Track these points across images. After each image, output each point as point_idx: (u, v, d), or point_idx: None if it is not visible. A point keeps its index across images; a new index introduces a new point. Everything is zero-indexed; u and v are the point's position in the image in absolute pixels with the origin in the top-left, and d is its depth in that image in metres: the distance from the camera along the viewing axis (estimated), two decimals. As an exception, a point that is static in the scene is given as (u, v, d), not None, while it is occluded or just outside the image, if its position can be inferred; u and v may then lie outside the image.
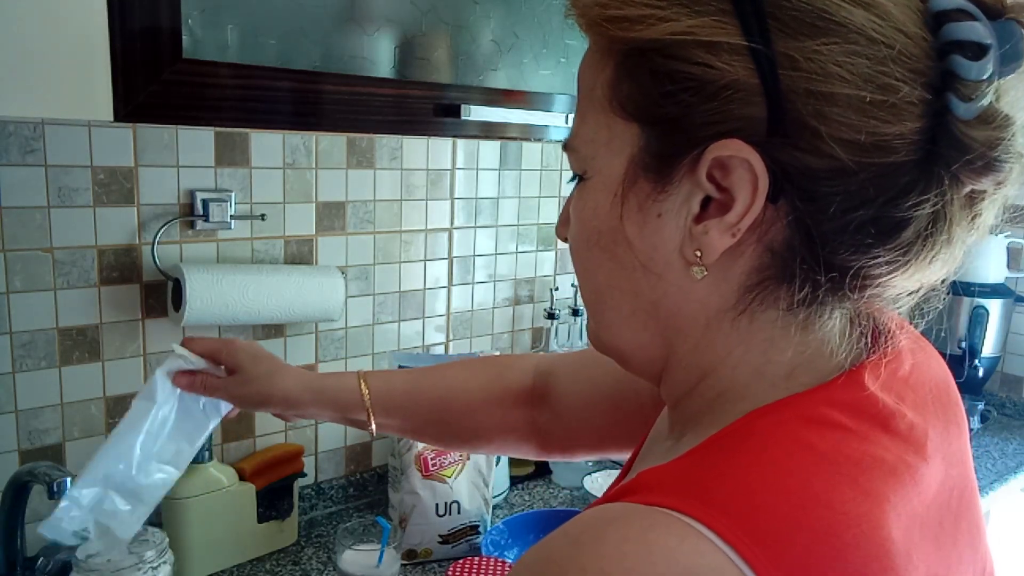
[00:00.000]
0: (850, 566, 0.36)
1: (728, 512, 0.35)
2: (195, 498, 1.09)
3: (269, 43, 0.88)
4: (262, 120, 0.91)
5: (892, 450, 0.41)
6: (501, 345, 1.55)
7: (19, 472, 0.94)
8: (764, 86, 0.37)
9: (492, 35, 1.06)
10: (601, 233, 0.45)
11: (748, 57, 0.37)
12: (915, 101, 0.37)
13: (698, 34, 0.38)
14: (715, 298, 0.43)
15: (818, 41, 0.37)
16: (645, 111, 0.41)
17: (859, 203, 0.38)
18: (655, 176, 0.42)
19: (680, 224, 0.41)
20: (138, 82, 0.79)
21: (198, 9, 0.82)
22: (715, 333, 0.44)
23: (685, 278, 0.43)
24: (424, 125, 1.00)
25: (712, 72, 0.38)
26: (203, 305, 1.06)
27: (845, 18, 0.37)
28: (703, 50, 0.38)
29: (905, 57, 0.37)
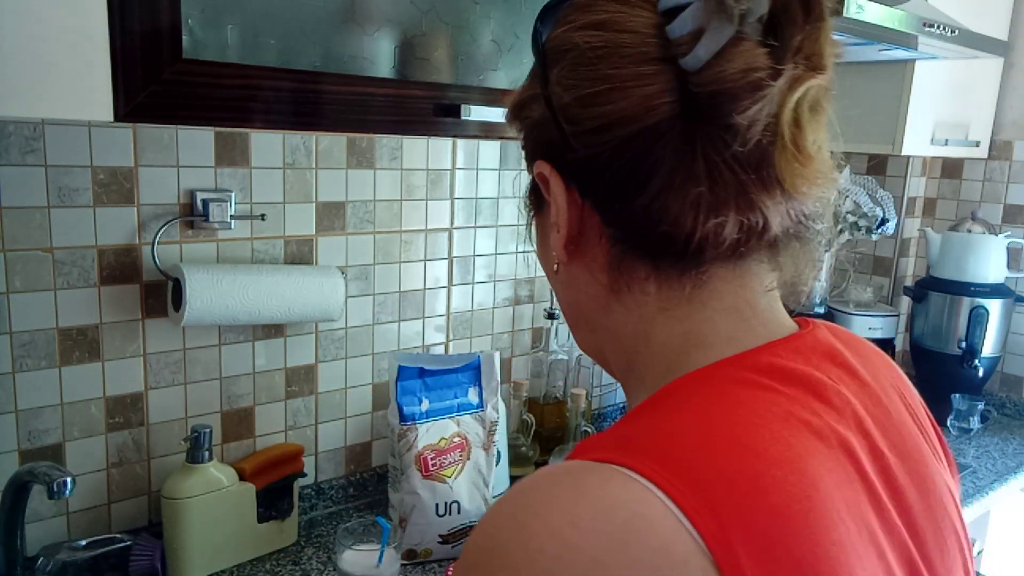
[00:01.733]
0: (772, 506, 0.38)
1: (649, 455, 0.39)
2: (195, 498, 1.09)
3: (269, 43, 0.88)
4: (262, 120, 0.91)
5: (823, 417, 0.44)
6: (501, 345, 1.55)
7: (19, 472, 0.94)
8: (550, 114, 0.48)
9: (492, 35, 1.06)
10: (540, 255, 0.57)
11: (542, 98, 0.49)
12: (639, 75, 0.45)
13: (521, 96, 0.52)
14: (594, 285, 0.51)
15: (562, 65, 0.47)
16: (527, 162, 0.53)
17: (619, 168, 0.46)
18: (537, 206, 0.54)
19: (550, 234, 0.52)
20: (138, 82, 0.79)
21: (198, 9, 0.82)
22: (612, 314, 0.51)
23: (570, 274, 0.52)
24: (424, 125, 1.00)
25: (530, 119, 0.51)
26: (203, 305, 1.06)
27: (575, 42, 0.47)
28: (523, 107, 0.52)
29: (621, 47, 0.45)
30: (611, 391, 1.81)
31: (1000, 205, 2.11)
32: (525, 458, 1.51)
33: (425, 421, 1.22)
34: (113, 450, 1.12)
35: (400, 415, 1.21)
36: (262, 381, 1.24)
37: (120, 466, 1.13)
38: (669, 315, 0.48)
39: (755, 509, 0.38)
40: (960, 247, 1.95)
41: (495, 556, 0.39)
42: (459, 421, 1.26)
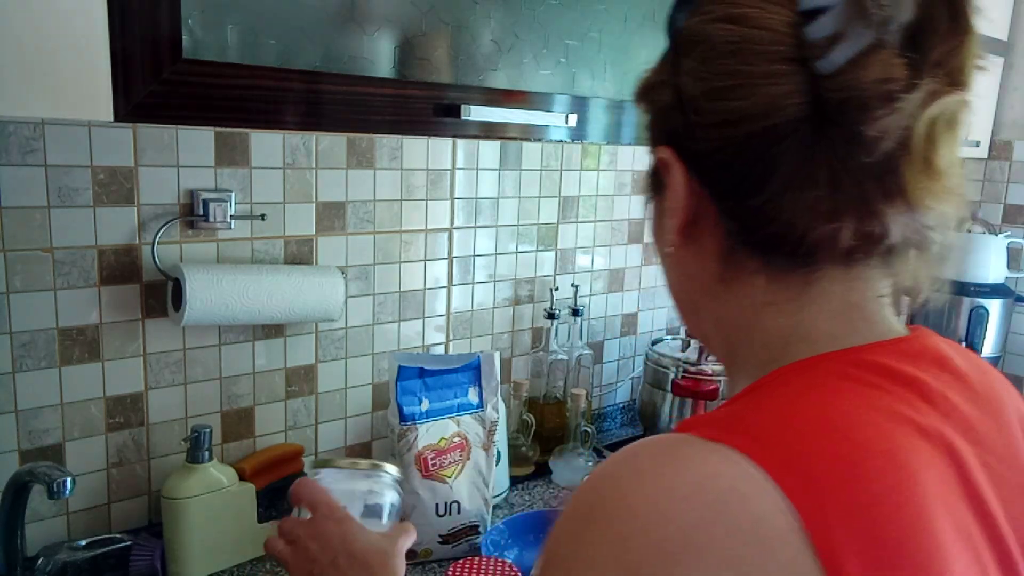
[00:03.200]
0: (870, 492, 0.39)
1: (749, 435, 0.40)
2: (195, 498, 1.09)
3: (269, 43, 0.88)
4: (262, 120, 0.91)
5: (927, 417, 0.43)
6: (501, 345, 1.55)
7: (19, 472, 0.94)
8: (677, 102, 0.49)
9: (492, 35, 1.06)
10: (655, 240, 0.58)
11: (670, 85, 0.50)
12: (773, 73, 0.44)
13: (648, 81, 0.53)
14: (705, 272, 0.52)
15: (694, 56, 0.48)
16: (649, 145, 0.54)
17: (745, 164, 0.46)
18: (655, 189, 0.54)
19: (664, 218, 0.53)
20: (138, 82, 0.79)
21: (198, 9, 0.82)
22: (718, 301, 0.52)
23: (676, 258, 0.53)
24: (424, 125, 1.00)
25: (656, 104, 0.52)
26: (203, 305, 1.06)
27: (708, 34, 0.47)
28: (650, 91, 0.52)
29: (756, 44, 0.45)
30: (611, 391, 1.81)
31: (1000, 205, 2.11)
32: (525, 458, 1.51)
33: (425, 421, 1.22)
34: (113, 450, 1.12)
35: (400, 415, 1.21)
36: (262, 381, 1.24)
37: (120, 466, 1.13)
38: (776, 309, 0.49)
39: (853, 494, 0.38)
40: (960, 247, 1.95)
41: (593, 509, 0.41)
42: (459, 421, 1.26)
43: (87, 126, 1.02)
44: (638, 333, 1.84)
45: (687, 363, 1.58)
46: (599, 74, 1.20)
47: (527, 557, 1.21)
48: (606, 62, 1.20)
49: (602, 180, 1.66)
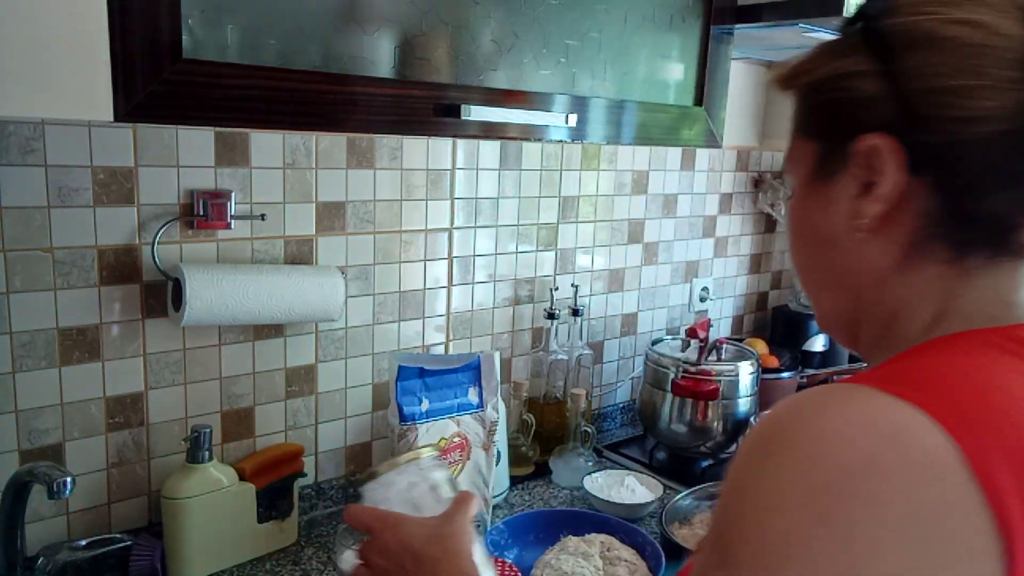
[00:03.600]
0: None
1: (911, 386, 0.45)
2: (195, 498, 1.09)
3: (269, 43, 0.88)
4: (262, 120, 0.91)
5: None
6: (501, 345, 1.55)
7: (19, 472, 0.94)
8: (891, 94, 0.51)
9: (492, 35, 1.06)
10: (800, 226, 0.61)
11: (877, 76, 0.52)
12: (1006, 81, 0.48)
13: (840, 69, 0.55)
14: (884, 258, 0.55)
15: (927, 53, 0.50)
16: (815, 129, 0.58)
17: (984, 162, 0.50)
18: (826, 173, 0.57)
19: (844, 203, 0.55)
20: (138, 82, 0.79)
21: (198, 9, 0.82)
22: (890, 287, 0.55)
23: (855, 244, 0.56)
24: (424, 125, 1.00)
25: (853, 92, 0.54)
26: (203, 305, 1.06)
27: (948, 35, 0.50)
28: (845, 79, 0.54)
29: (1004, 50, 0.49)
30: (611, 391, 1.81)
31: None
32: (525, 458, 1.51)
33: (425, 421, 1.22)
34: (113, 450, 1.12)
35: (400, 415, 1.21)
36: (262, 381, 1.24)
37: (120, 466, 1.13)
38: (947, 294, 0.53)
39: (1010, 438, 0.43)
40: None
41: (776, 438, 0.45)
42: (459, 421, 1.26)
43: (87, 126, 1.02)
44: (638, 333, 1.84)
45: (687, 363, 1.58)
46: (599, 74, 1.20)
47: (527, 557, 1.21)
48: (606, 62, 1.20)
49: (602, 180, 1.66)
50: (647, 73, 1.27)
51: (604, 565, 1.16)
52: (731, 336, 2.02)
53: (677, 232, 1.86)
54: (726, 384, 1.57)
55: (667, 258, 1.85)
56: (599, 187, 1.65)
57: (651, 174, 1.75)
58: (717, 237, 1.97)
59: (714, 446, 1.60)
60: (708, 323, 1.63)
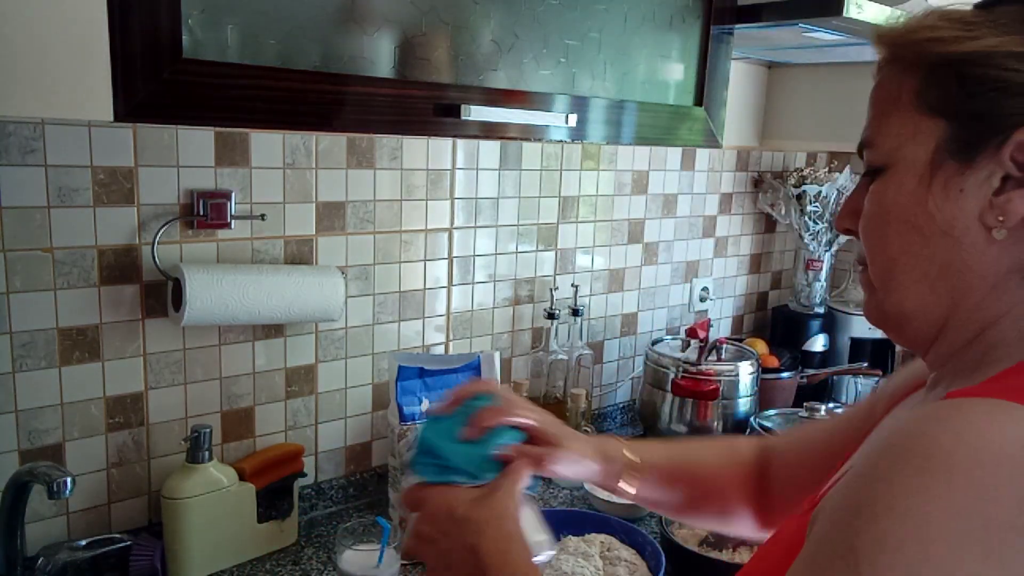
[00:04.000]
0: None
1: None
2: (195, 498, 1.09)
3: (269, 43, 0.88)
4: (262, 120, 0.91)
5: None
6: (501, 345, 1.55)
7: (19, 472, 0.94)
8: None
9: (492, 35, 1.06)
10: (904, 208, 0.54)
11: None
12: None
13: (1006, 47, 0.50)
14: (1007, 259, 0.52)
15: None
16: (950, 107, 0.52)
17: None
18: (961, 159, 0.52)
19: (981, 196, 0.51)
20: (138, 82, 0.79)
21: (198, 9, 0.82)
22: (1002, 291, 0.52)
23: (982, 241, 0.52)
24: (424, 125, 1.00)
25: (1017, 75, 0.49)
26: (203, 305, 1.06)
27: None
28: (1013, 60, 0.49)
29: None
30: (611, 391, 1.81)
31: None
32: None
33: (425, 421, 1.22)
34: (113, 450, 1.12)
35: (400, 415, 1.21)
36: (262, 381, 1.24)
37: (120, 466, 1.13)
38: None
39: None
40: None
41: (941, 460, 0.41)
42: (459, 421, 1.26)
43: (87, 126, 1.02)
44: (638, 333, 1.84)
45: (687, 363, 1.58)
46: (599, 74, 1.20)
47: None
48: (606, 62, 1.20)
49: (602, 180, 1.66)
50: (647, 73, 1.27)
51: (604, 565, 1.16)
52: (731, 336, 2.02)
53: (677, 232, 1.86)
54: (726, 384, 1.57)
55: (667, 258, 1.85)
56: (599, 187, 1.65)
57: (651, 174, 1.75)
58: (717, 237, 1.97)
59: (714, 446, 1.60)
60: (708, 323, 1.63)
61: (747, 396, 1.60)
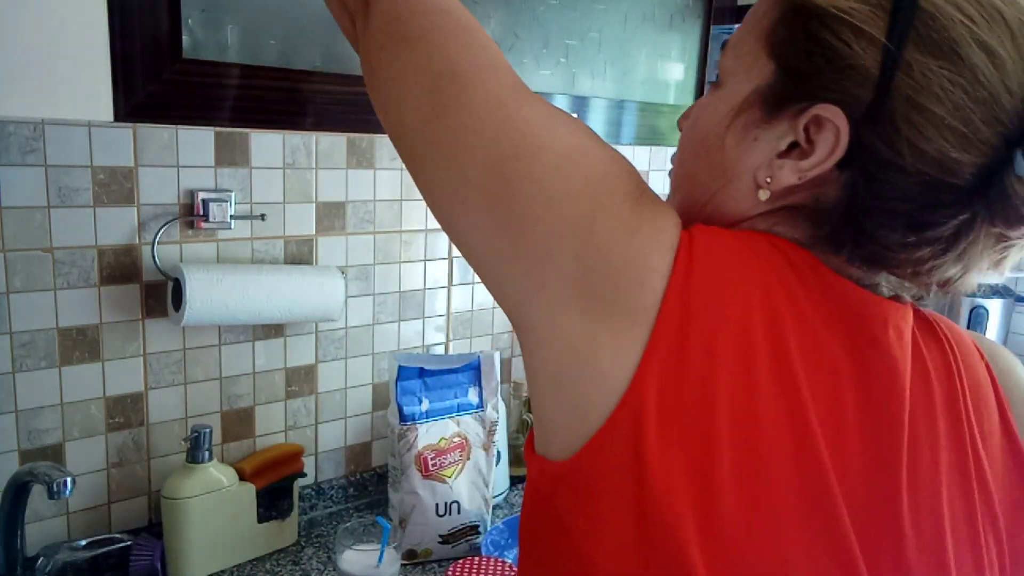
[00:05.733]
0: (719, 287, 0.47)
1: None
2: (195, 498, 1.09)
3: (269, 43, 0.88)
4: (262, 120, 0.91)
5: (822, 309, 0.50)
6: (501, 345, 1.55)
7: (19, 472, 0.94)
8: (880, 78, 0.46)
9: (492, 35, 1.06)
10: (708, 131, 0.56)
11: (879, 51, 0.46)
12: (987, 143, 0.46)
13: (853, 17, 0.47)
14: (757, 208, 0.53)
15: (938, 63, 0.45)
16: (786, 57, 0.51)
17: (903, 196, 0.48)
18: (767, 109, 0.52)
19: (766, 153, 0.52)
20: (138, 82, 0.79)
21: (198, 9, 0.82)
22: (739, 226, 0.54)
23: (746, 190, 0.53)
24: (424, 125, 1.00)
25: (849, 51, 0.47)
26: (203, 305, 1.06)
27: (967, 55, 0.45)
28: (851, 31, 0.47)
29: (996, 106, 0.45)
30: (611, 391, 1.81)
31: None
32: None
33: (425, 421, 1.22)
34: (113, 450, 1.12)
35: (400, 415, 1.21)
36: (262, 381, 1.24)
37: (120, 466, 1.13)
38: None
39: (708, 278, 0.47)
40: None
41: None
42: (459, 421, 1.26)
43: (87, 126, 1.02)
44: (638, 333, 1.83)
45: (687, 363, 1.57)
46: (599, 74, 1.20)
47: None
48: (606, 62, 1.20)
49: (602, 180, 1.65)
50: (647, 73, 1.27)
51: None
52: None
53: (677, 232, 1.85)
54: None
55: (667, 258, 1.85)
56: (599, 187, 1.65)
57: (651, 174, 1.75)
58: (717, 237, 1.97)
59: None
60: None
61: (747, 396, 1.59)
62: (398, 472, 1.22)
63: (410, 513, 1.20)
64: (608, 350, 0.45)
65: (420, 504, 1.20)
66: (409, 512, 1.20)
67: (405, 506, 1.21)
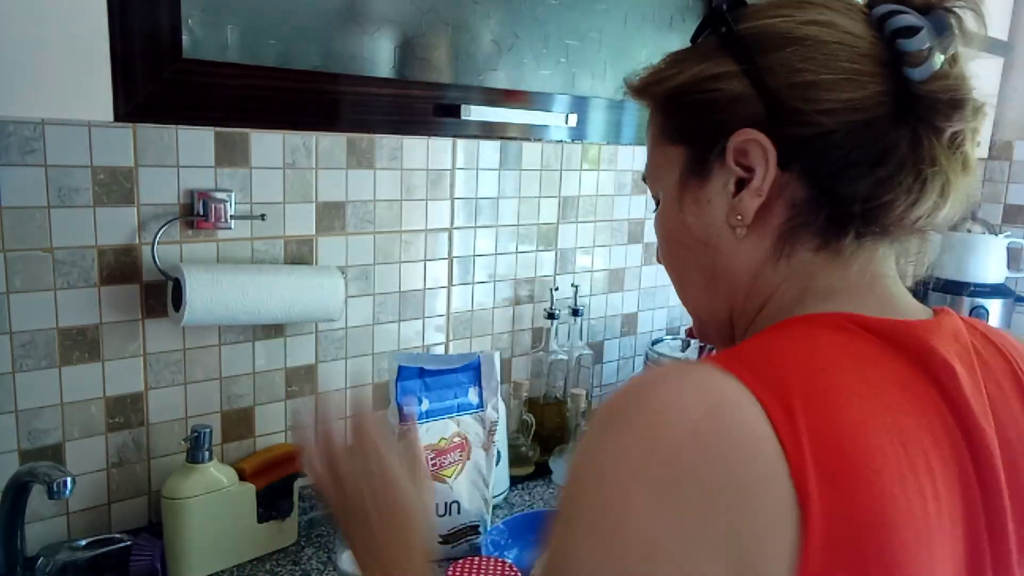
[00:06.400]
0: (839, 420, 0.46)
1: (743, 363, 0.47)
2: (195, 498, 1.09)
3: (269, 43, 0.88)
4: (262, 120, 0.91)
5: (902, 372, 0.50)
6: (501, 345, 1.55)
7: (19, 472, 0.94)
8: (757, 91, 0.54)
9: (492, 35, 1.06)
10: (672, 230, 0.62)
11: (743, 76, 0.55)
12: (871, 73, 0.53)
13: (704, 72, 0.57)
14: (758, 252, 0.57)
15: (786, 51, 0.54)
16: (682, 133, 0.59)
17: (848, 149, 0.53)
18: (699, 174, 0.58)
19: (723, 202, 0.57)
20: (138, 82, 0.79)
21: (198, 9, 0.82)
22: (762, 280, 0.58)
23: (733, 242, 0.57)
24: (424, 125, 1.00)
25: (720, 93, 0.56)
26: (203, 305, 1.06)
27: (803, 34, 0.54)
28: (711, 81, 0.56)
29: (854, 47, 0.53)
30: (611, 391, 1.81)
31: (1000, 205, 2.11)
32: (525, 458, 1.51)
33: (425, 421, 1.22)
34: (113, 450, 1.12)
35: (400, 415, 1.21)
36: (262, 381, 1.24)
37: (120, 466, 1.13)
38: (811, 276, 0.56)
39: (823, 418, 0.45)
40: (960, 247, 1.95)
41: (614, 412, 0.48)
42: (459, 421, 1.26)
43: (87, 126, 1.02)
44: (638, 333, 1.84)
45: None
46: (599, 74, 1.20)
47: (527, 557, 1.21)
48: (606, 62, 1.20)
49: (602, 180, 1.66)
50: (647, 73, 1.27)
51: (604, 565, 1.16)
52: (731, 336, 2.02)
53: (677, 232, 1.85)
54: (726, 384, 1.57)
55: (667, 258, 1.85)
56: (599, 187, 1.65)
57: (651, 174, 1.75)
58: (717, 237, 1.97)
59: (714, 446, 1.60)
60: (708, 323, 1.63)
61: (747, 396, 1.60)
62: (398, 472, 1.22)
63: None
64: None
65: (420, 504, 1.20)
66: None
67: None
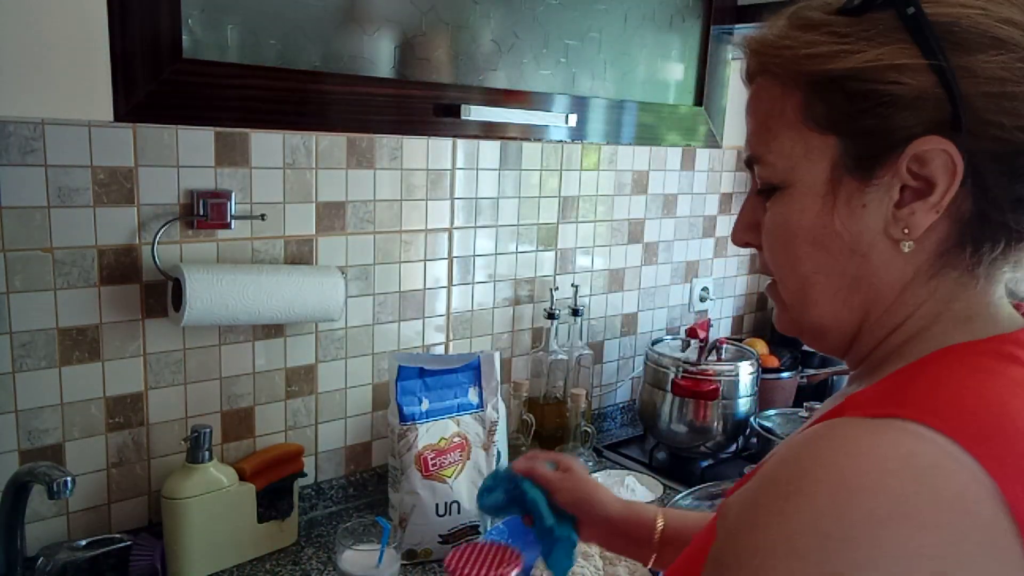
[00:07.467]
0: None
1: (936, 412, 0.44)
2: (195, 498, 1.09)
3: (269, 43, 0.88)
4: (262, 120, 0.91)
5: None
6: (501, 345, 1.55)
7: (19, 472, 0.94)
8: (948, 94, 0.48)
9: (492, 35, 1.06)
10: (811, 230, 0.54)
11: (931, 73, 0.48)
12: None
13: (886, 60, 0.49)
14: (911, 267, 0.52)
15: (988, 54, 0.48)
16: (842, 124, 0.51)
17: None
18: (860, 175, 0.52)
19: (883, 210, 0.51)
20: (138, 82, 0.79)
21: (198, 9, 0.82)
22: (909, 295, 0.53)
23: (888, 253, 0.52)
24: (424, 125, 1.00)
25: (904, 87, 0.49)
26: (203, 305, 1.06)
27: (1005, 35, 0.48)
28: (893, 72, 0.49)
29: None
30: (611, 391, 1.81)
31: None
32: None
33: (425, 421, 1.22)
34: (113, 450, 1.12)
35: (400, 415, 1.21)
36: (262, 381, 1.24)
37: (120, 466, 1.13)
38: (954, 297, 0.53)
39: None
40: None
41: (796, 482, 0.43)
42: (459, 421, 1.26)
43: (87, 126, 1.02)
44: (638, 333, 1.84)
45: (687, 363, 1.57)
46: (599, 74, 1.20)
47: (527, 557, 1.21)
48: (606, 62, 1.20)
49: (602, 180, 1.66)
50: (647, 73, 1.27)
51: (604, 565, 1.16)
52: (731, 336, 2.02)
53: (677, 232, 1.86)
54: (726, 384, 1.57)
55: (667, 258, 1.85)
56: (599, 187, 1.65)
57: (651, 174, 1.75)
58: (717, 237, 1.97)
59: (714, 446, 1.60)
60: (708, 323, 1.63)
61: (747, 396, 1.60)
62: (398, 472, 1.22)
63: (410, 513, 1.20)
64: None
65: (420, 504, 1.20)
66: (409, 512, 1.20)
67: (405, 506, 1.21)
